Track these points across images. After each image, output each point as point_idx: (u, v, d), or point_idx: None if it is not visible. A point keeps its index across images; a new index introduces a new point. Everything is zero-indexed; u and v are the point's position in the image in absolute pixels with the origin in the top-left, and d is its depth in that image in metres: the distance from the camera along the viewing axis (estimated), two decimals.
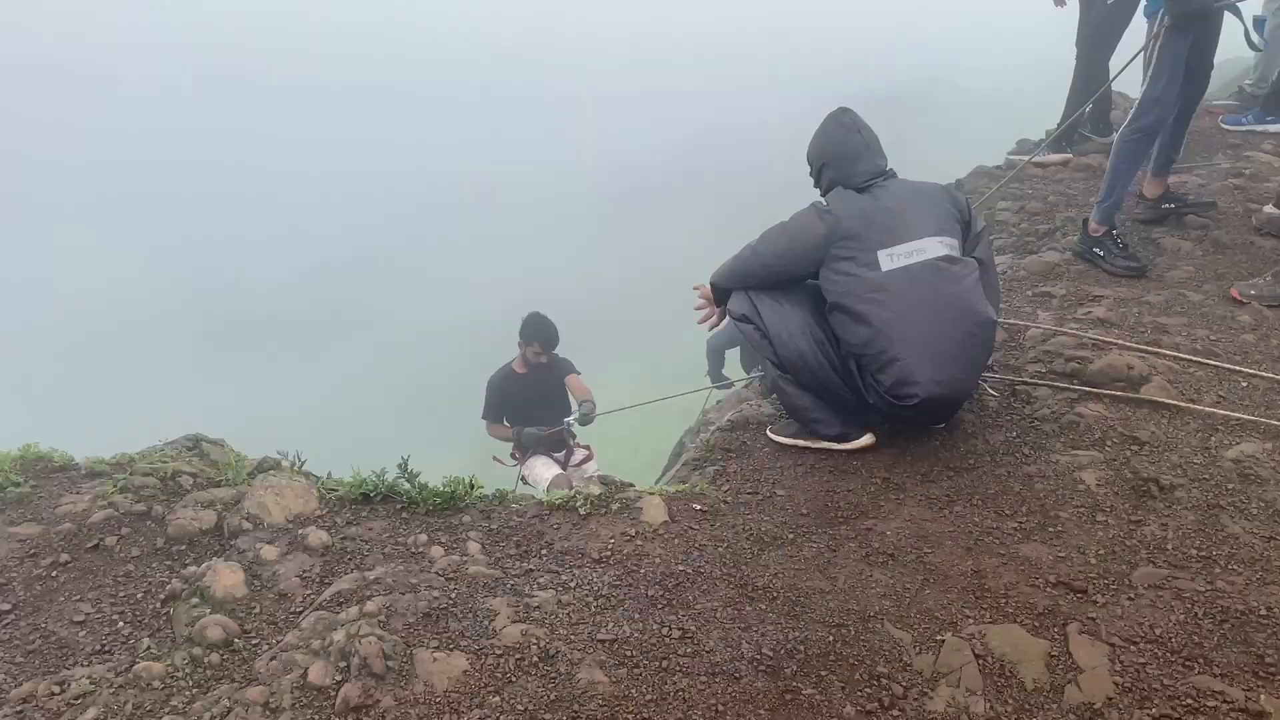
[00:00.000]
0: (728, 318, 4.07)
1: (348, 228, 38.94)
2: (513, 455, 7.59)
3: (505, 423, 7.44)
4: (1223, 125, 7.69)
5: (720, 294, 4.02)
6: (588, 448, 7.29)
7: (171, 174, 41.27)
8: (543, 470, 7.10)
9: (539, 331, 7.22)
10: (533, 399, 7.37)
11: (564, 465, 7.30)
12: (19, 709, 2.29)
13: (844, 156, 3.67)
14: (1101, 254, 5.23)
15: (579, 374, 7.44)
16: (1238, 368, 3.95)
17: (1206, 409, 3.63)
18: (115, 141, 42.19)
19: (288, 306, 34.43)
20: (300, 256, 36.77)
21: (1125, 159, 5.08)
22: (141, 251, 37.42)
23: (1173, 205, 5.76)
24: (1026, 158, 7.25)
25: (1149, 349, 4.12)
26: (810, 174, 3.85)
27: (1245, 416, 3.54)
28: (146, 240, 38.06)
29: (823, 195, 3.73)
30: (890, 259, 3.43)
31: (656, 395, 7.19)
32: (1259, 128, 7.52)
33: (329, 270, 36.09)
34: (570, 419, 7.08)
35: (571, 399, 7.31)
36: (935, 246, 3.47)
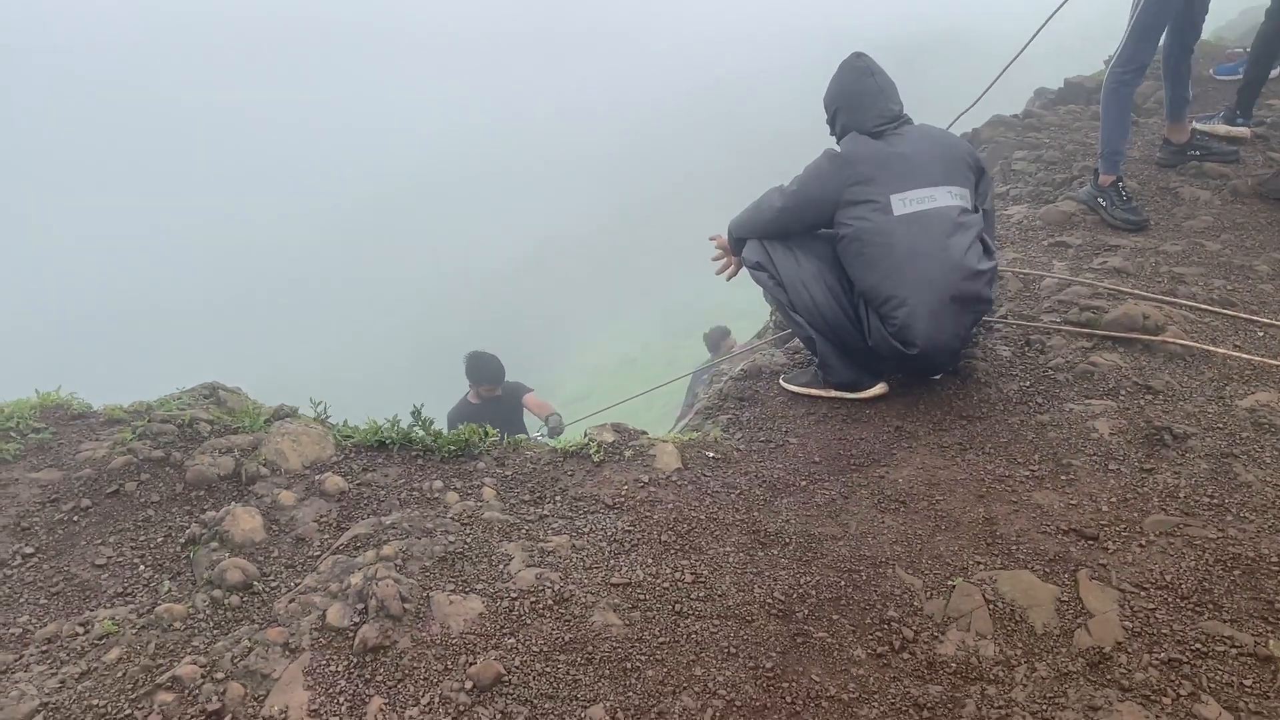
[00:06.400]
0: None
1: (353, 181, 38.77)
2: None
3: None
4: (1215, 76, 7.50)
5: (736, 244, 4.01)
6: None
7: (183, 126, 41.12)
8: None
9: (482, 374, 7.27)
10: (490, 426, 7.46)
11: None
12: (44, 648, 2.34)
13: (857, 100, 3.64)
14: (1105, 204, 5.20)
15: (532, 390, 7.55)
16: (1255, 317, 3.92)
17: (1224, 351, 3.62)
18: (123, 102, 42.04)
19: (298, 263, 34.42)
20: (310, 211, 36.70)
21: (1110, 104, 5.10)
22: (149, 211, 37.41)
23: (1198, 152, 5.70)
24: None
25: (1165, 299, 4.10)
26: (826, 120, 3.82)
27: (1261, 359, 3.53)
28: (155, 199, 38.03)
29: (838, 141, 3.70)
30: (903, 204, 3.41)
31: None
32: None
33: (338, 224, 35.99)
34: (538, 435, 7.14)
35: (533, 417, 7.40)
36: (945, 196, 3.45)
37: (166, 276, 34.36)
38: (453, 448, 3.27)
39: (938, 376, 3.72)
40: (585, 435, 3.46)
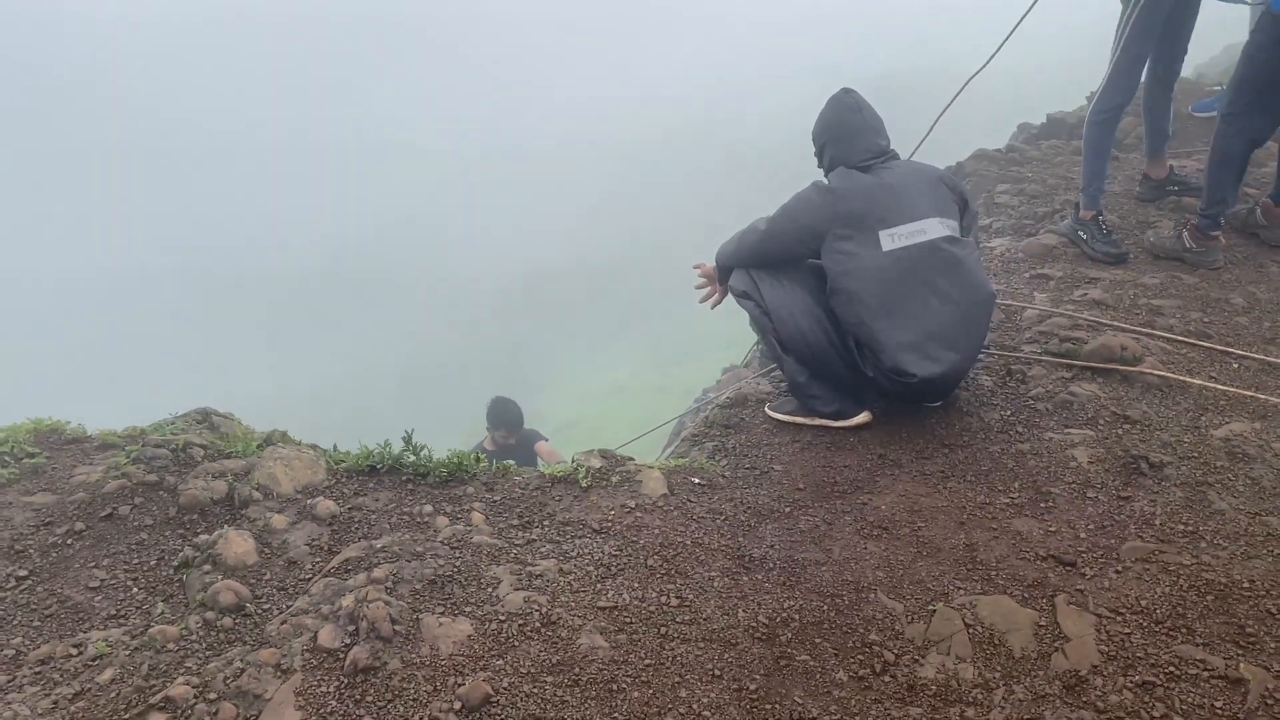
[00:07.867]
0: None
1: (346, 205, 38.91)
2: None
3: None
4: (1193, 113, 7.62)
5: (722, 272, 4.06)
6: None
7: (174, 145, 41.22)
8: None
9: (502, 419, 7.49)
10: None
11: None
12: (38, 670, 2.37)
13: (845, 135, 3.71)
14: (1085, 238, 5.29)
15: (546, 440, 7.77)
16: (1229, 349, 4.01)
17: (1200, 382, 3.70)
18: (121, 111, 42.15)
19: (289, 287, 34.45)
20: (300, 236, 36.79)
21: (1091, 139, 5.20)
22: (143, 228, 37.43)
23: (1176, 188, 5.82)
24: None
25: (1143, 330, 4.18)
26: (814, 153, 3.89)
27: (1236, 390, 3.61)
28: (148, 216, 38.07)
29: (825, 175, 3.77)
30: (891, 239, 3.47)
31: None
32: None
33: (328, 250, 36.07)
34: None
35: (543, 465, 7.55)
36: (937, 227, 3.51)
37: (156, 302, 34.36)
38: (442, 472, 3.32)
39: (938, 404, 3.78)
40: (573, 460, 3.51)
